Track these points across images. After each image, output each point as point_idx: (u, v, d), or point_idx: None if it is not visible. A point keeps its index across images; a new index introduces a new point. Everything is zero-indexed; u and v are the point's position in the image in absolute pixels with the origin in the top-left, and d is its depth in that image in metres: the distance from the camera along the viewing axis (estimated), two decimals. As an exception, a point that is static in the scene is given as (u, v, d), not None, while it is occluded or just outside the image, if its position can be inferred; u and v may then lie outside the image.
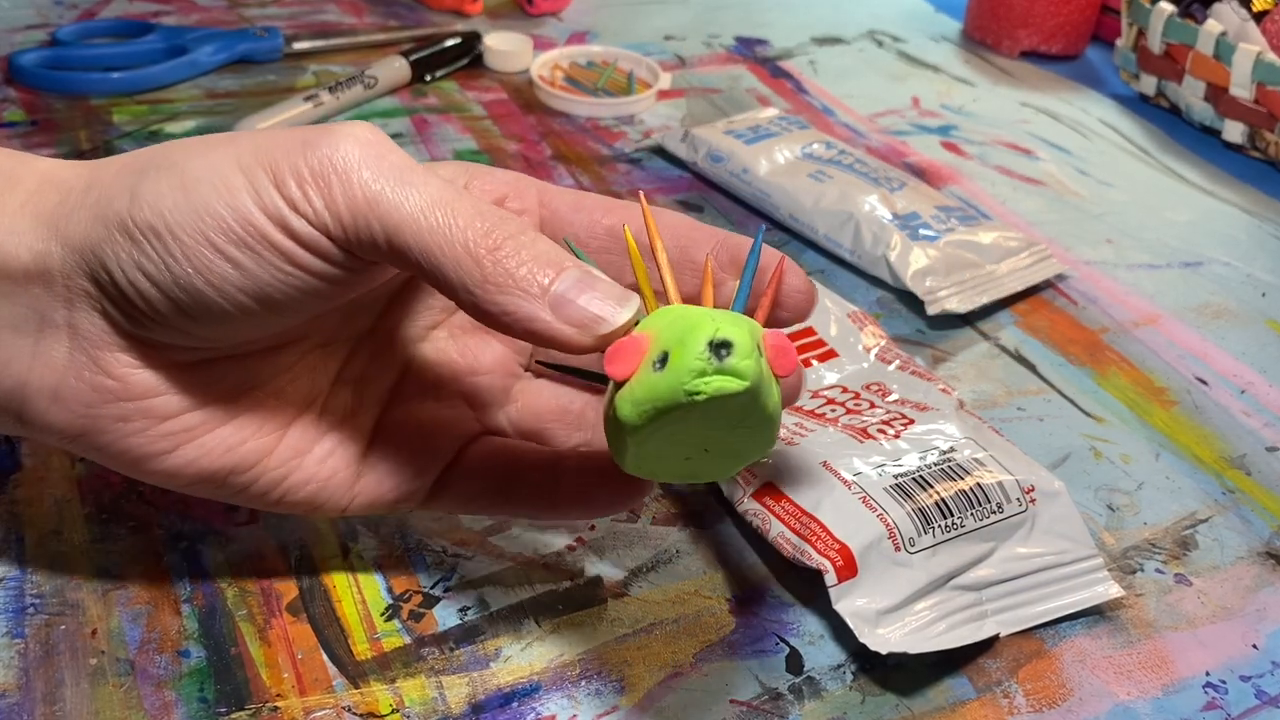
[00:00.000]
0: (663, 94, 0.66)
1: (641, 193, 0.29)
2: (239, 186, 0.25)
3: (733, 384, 0.23)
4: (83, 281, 0.26)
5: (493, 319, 0.25)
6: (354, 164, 0.25)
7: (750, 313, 0.28)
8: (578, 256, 0.27)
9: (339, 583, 0.34)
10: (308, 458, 0.30)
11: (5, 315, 0.27)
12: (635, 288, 0.27)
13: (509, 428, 0.33)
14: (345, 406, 0.31)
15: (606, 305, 0.25)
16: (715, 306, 0.26)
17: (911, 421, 0.38)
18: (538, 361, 0.34)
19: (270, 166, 0.25)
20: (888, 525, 0.34)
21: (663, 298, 0.27)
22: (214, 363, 0.28)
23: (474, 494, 0.32)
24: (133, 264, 0.25)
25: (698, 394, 0.23)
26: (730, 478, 0.28)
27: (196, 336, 0.27)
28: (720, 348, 0.23)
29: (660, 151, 0.60)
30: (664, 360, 0.24)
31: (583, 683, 0.32)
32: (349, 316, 0.31)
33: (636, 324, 0.25)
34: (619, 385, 0.25)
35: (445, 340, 0.33)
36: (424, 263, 0.25)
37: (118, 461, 0.28)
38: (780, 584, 0.36)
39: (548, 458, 0.32)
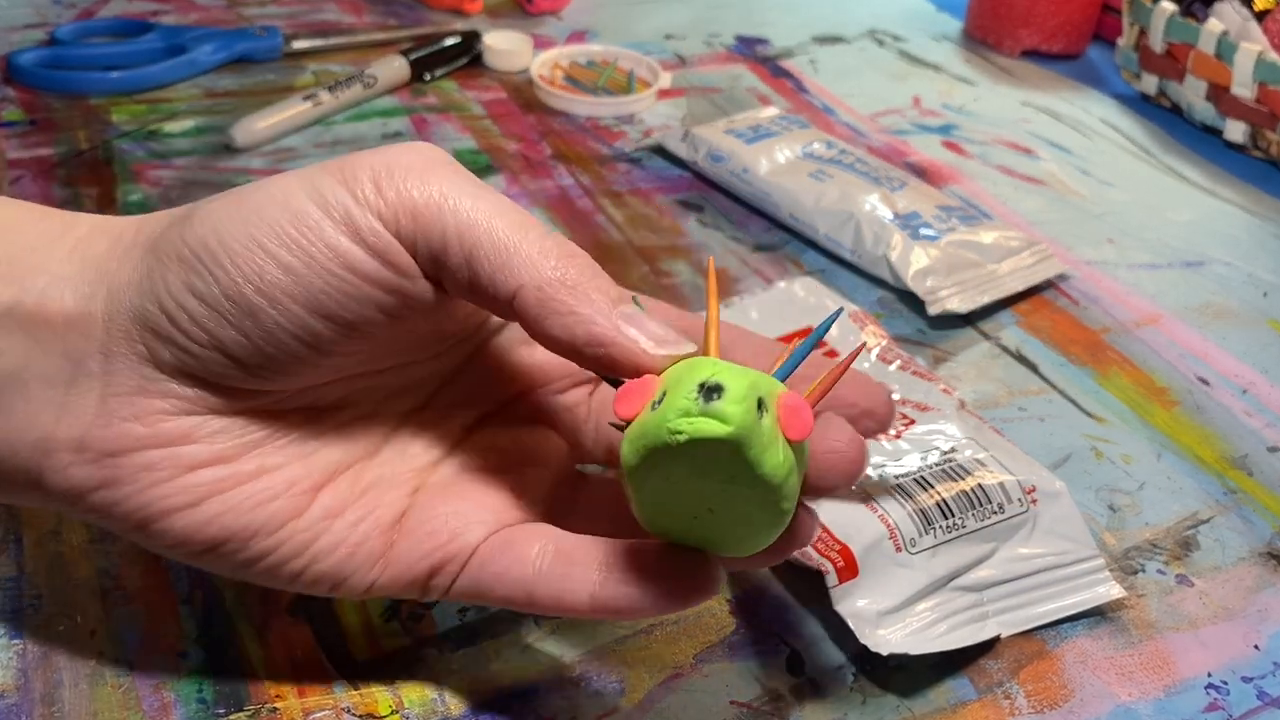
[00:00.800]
0: (663, 93, 0.66)
1: (711, 260, 0.28)
2: (297, 189, 0.25)
3: (714, 427, 0.22)
4: (126, 322, 0.25)
5: (553, 315, 0.25)
6: (433, 166, 0.25)
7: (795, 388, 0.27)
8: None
9: (338, 583, 0.34)
10: (339, 521, 0.28)
11: (38, 364, 0.26)
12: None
13: (592, 448, 0.32)
14: (385, 475, 0.29)
15: (657, 340, 0.25)
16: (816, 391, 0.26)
17: (912, 422, 0.38)
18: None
19: (340, 169, 0.25)
20: (888, 526, 0.34)
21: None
22: (254, 415, 0.27)
23: (498, 592, 0.29)
24: (182, 285, 0.25)
25: (679, 433, 0.23)
26: (746, 554, 0.27)
27: (246, 368, 0.26)
28: (711, 390, 0.23)
29: (660, 151, 0.60)
30: (660, 400, 0.24)
31: (582, 684, 0.32)
32: (398, 393, 0.30)
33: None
34: (625, 426, 0.25)
35: (502, 409, 0.32)
36: (493, 259, 0.25)
37: (131, 520, 0.27)
38: (780, 585, 0.36)
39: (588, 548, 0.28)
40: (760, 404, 0.23)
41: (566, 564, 0.27)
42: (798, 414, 0.24)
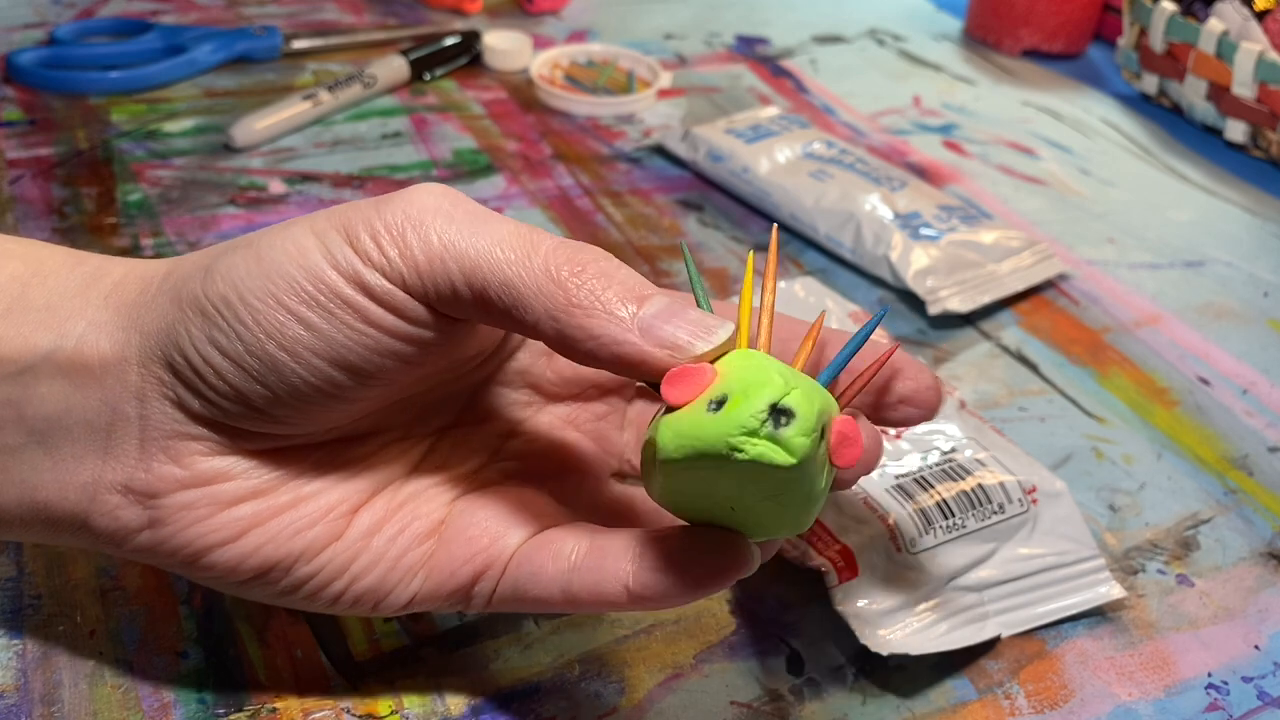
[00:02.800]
0: (663, 93, 0.66)
1: (775, 226, 0.28)
2: (311, 248, 0.25)
3: (778, 455, 0.22)
4: (157, 369, 0.26)
5: (577, 344, 0.24)
6: (428, 214, 0.25)
7: (839, 390, 0.27)
8: (690, 271, 0.26)
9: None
10: (377, 537, 0.28)
11: (79, 408, 0.26)
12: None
13: (630, 457, 0.32)
14: (421, 489, 0.29)
15: (694, 333, 0.24)
16: (805, 367, 0.25)
17: (913, 421, 0.38)
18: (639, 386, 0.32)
19: (343, 227, 0.25)
20: (889, 526, 0.34)
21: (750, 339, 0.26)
22: (287, 450, 0.27)
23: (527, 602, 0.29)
24: (205, 339, 0.25)
25: (739, 451, 0.22)
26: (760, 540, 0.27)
27: (272, 417, 0.26)
28: (781, 414, 0.22)
29: (660, 150, 0.60)
30: (720, 403, 0.23)
31: (582, 684, 0.32)
32: (429, 411, 0.30)
33: (724, 354, 0.24)
34: (669, 409, 0.24)
35: (534, 419, 0.31)
36: (504, 297, 0.24)
37: (177, 556, 0.27)
38: (781, 585, 0.36)
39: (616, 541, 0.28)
40: (822, 431, 0.23)
41: (600, 557, 0.27)
42: (850, 444, 0.24)
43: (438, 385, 0.29)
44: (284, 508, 0.27)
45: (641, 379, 0.25)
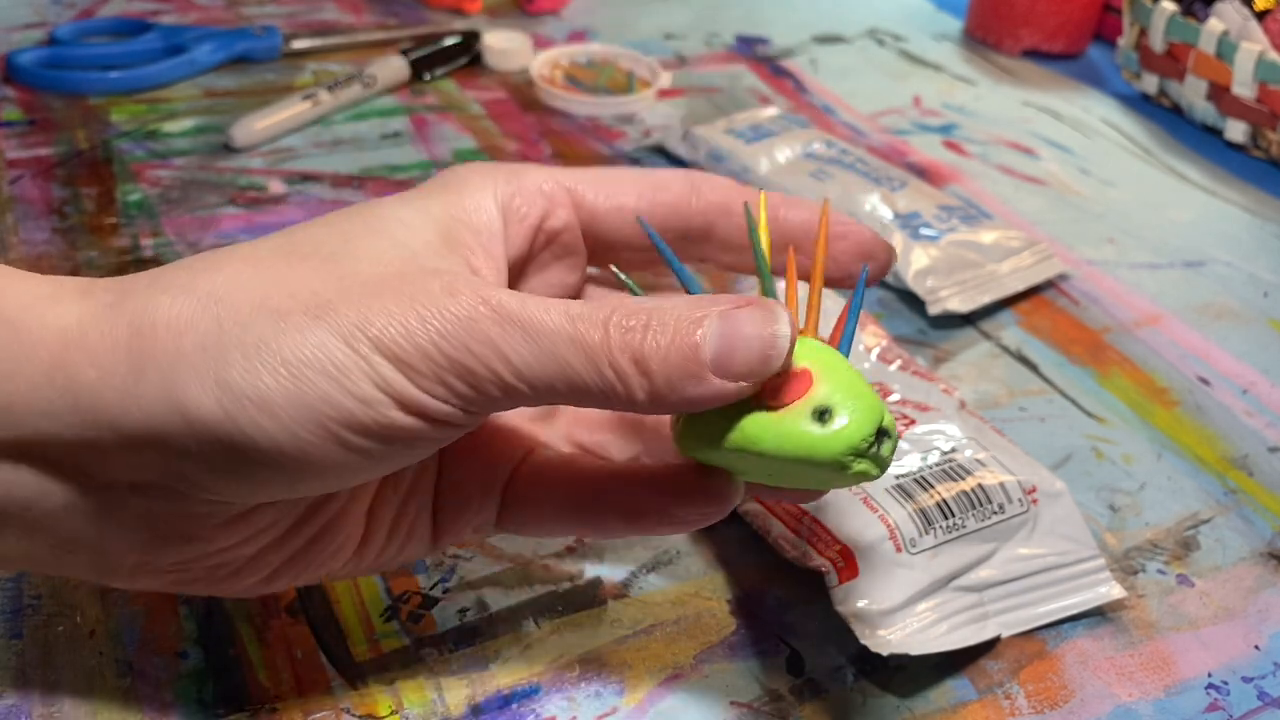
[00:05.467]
0: (663, 93, 0.66)
1: (827, 201, 0.28)
2: (351, 368, 0.22)
3: (875, 471, 0.24)
4: (150, 475, 0.23)
5: (668, 408, 0.23)
6: (465, 323, 0.23)
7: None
8: (624, 281, 0.27)
9: (337, 584, 0.34)
10: (385, 506, 0.28)
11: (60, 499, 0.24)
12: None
13: (561, 441, 0.31)
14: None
15: (764, 341, 0.23)
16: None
17: (913, 422, 0.38)
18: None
19: (388, 350, 0.22)
20: (889, 526, 0.34)
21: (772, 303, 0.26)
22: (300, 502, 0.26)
23: (544, 517, 0.29)
24: (225, 465, 0.22)
25: (845, 468, 0.24)
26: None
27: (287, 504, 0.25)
28: (883, 435, 0.24)
29: (660, 150, 0.60)
30: (823, 415, 0.23)
31: (582, 684, 0.32)
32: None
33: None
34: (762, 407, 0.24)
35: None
36: (569, 396, 0.23)
37: (210, 593, 0.27)
38: (781, 585, 0.36)
39: (621, 472, 0.28)
40: None
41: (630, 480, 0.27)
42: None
43: None
44: (305, 543, 0.27)
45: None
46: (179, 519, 0.24)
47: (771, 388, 0.24)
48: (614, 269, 0.27)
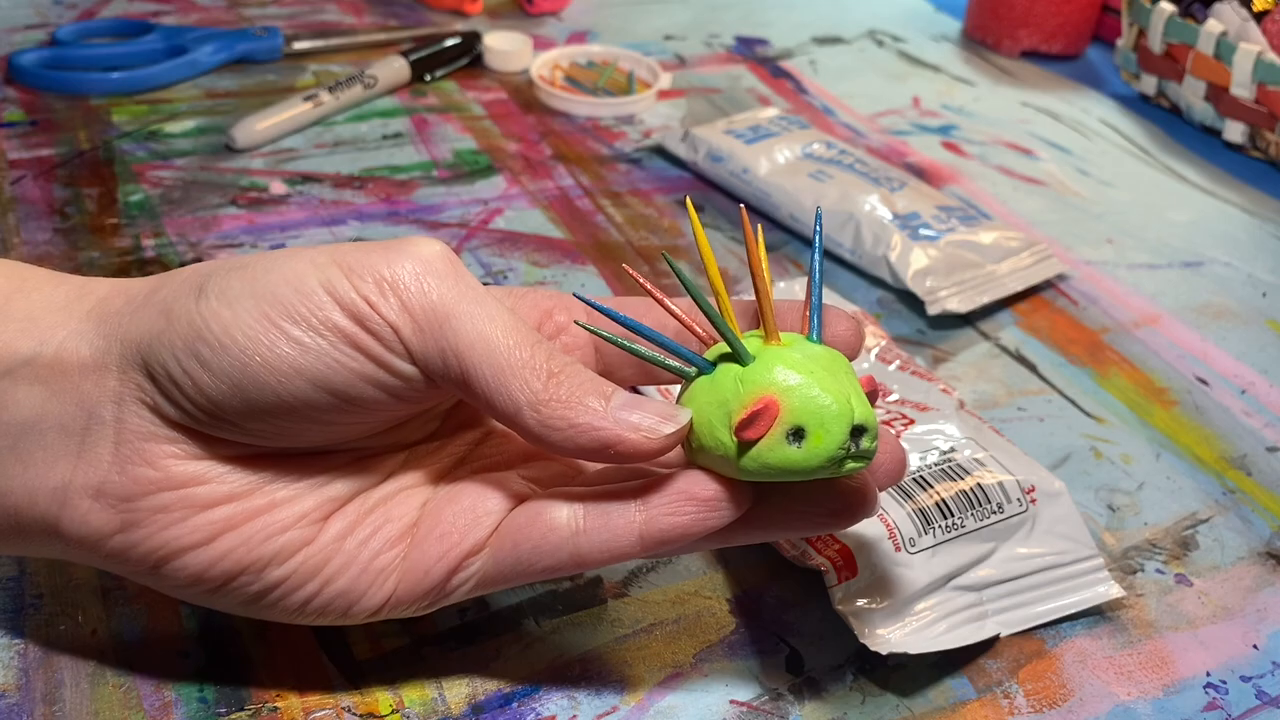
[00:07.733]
0: (663, 94, 0.66)
1: (743, 208, 0.29)
2: (308, 274, 0.26)
3: (860, 465, 0.26)
4: (137, 375, 0.26)
5: (554, 432, 0.26)
6: (428, 272, 0.26)
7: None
8: (674, 269, 0.27)
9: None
10: (349, 539, 0.28)
11: (55, 414, 0.27)
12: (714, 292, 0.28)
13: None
14: (393, 492, 0.30)
15: (659, 419, 0.26)
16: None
17: (912, 422, 0.38)
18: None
19: (345, 265, 0.26)
20: (888, 525, 0.34)
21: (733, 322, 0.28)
22: (262, 456, 0.28)
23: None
24: (188, 350, 0.25)
25: (838, 470, 0.26)
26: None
27: (246, 430, 0.26)
28: (860, 432, 0.25)
29: (660, 151, 0.60)
30: (798, 435, 0.25)
31: (583, 683, 0.32)
32: (407, 429, 0.30)
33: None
34: (745, 444, 0.26)
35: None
36: (490, 380, 0.26)
37: (149, 560, 0.27)
38: (780, 584, 0.36)
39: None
40: None
41: (603, 515, 0.27)
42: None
43: (419, 412, 0.30)
44: (258, 511, 0.27)
45: (620, 463, 0.27)
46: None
47: (744, 424, 0.25)
48: (665, 256, 0.28)
